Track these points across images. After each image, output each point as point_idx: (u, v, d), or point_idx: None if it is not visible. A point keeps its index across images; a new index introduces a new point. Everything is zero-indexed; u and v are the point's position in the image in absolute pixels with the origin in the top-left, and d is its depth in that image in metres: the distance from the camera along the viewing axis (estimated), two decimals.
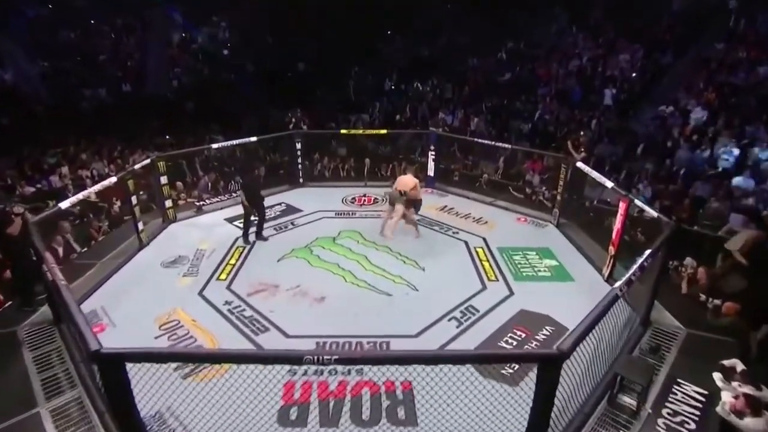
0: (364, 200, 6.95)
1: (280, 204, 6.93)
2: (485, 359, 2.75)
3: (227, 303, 4.31)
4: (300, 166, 7.79)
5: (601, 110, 10.05)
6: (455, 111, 12.07)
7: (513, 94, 11.84)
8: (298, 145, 8.01)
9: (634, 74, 9.51)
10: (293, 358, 2.21)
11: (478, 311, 4.23)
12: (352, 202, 6.97)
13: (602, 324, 2.74)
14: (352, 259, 5.13)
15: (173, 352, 2.81)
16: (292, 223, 6.29)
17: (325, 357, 2.13)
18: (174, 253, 5.30)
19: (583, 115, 9.27)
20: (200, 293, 4.52)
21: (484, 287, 4.63)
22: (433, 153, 7.70)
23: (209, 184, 7.66)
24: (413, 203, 4.92)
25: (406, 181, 4.90)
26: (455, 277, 4.77)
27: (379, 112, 13.19)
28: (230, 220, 6.09)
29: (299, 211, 6.64)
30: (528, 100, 11.48)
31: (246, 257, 5.20)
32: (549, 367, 2.34)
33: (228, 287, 4.60)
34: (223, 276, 4.85)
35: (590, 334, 2.56)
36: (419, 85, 14.07)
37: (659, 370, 3.32)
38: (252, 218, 5.36)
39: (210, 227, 6.08)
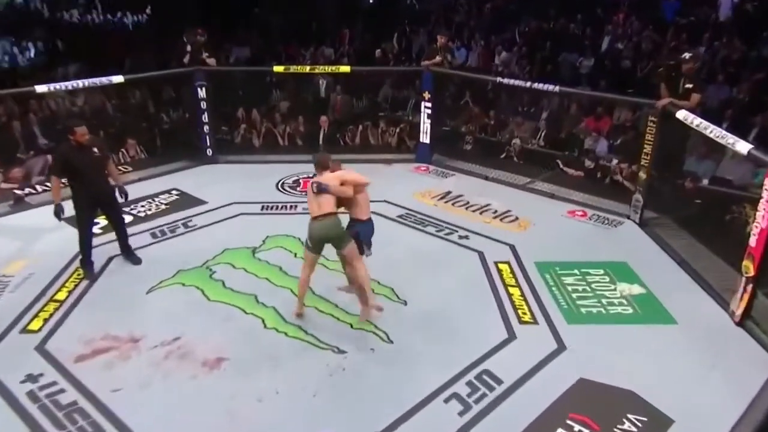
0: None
1: (169, 192, 6.75)
2: None
3: (30, 379, 3.72)
4: (206, 128, 7.61)
5: (714, 29, 9.33)
6: (472, 40, 11.33)
7: (563, 11, 11.14)
8: (202, 93, 7.47)
9: None
10: None
11: (500, 382, 3.76)
12: (294, 188, 6.85)
13: None
14: (283, 287, 4.81)
15: None
16: (185, 225, 6.03)
17: None
18: None
19: (681, 40, 8.82)
20: None
21: (512, 336, 4.22)
22: (429, 106, 7.50)
23: (47, 162, 6.96)
24: (355, 226, 4.26)
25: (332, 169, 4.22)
26: (460, 316, 4.42)
27: (351, 44, 12.29)
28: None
29: (201, 203, 6.43)
30: (589, 20, 10.79)
31: (89, 288, 4.78)
32: None
33: (40, 347, 4.06)
34: (34, 325, 4.32)
35: None
36: (415, 1, 13.30)
37: None
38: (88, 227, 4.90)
39: (33, 233, 5.71)
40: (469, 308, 4.52)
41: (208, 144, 7.72)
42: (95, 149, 4.83)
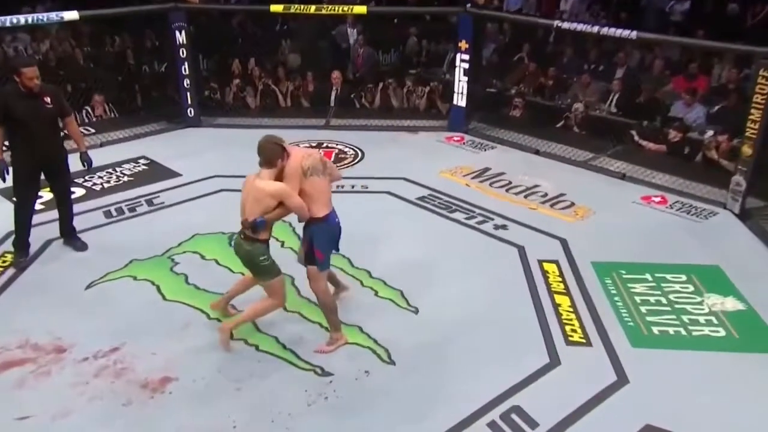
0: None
1: (135, 161, 6.77)
2: None
3: None
4: (186, 82, 7.52)
5: None
6: None
7: None
8: (181, 38, 7.31)
9: None
10: None
11: (535, 425, 3.48)
12: None
13: None
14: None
15: None
16: (150, 203, 5.95)
17: None
18: None
19: None
20: None
21: (555, 360, 3.95)
22: (466, 59, 7.34)
23: None
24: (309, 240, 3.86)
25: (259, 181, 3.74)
26: (486, 331, 4.21)
27: None
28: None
29: (173, 175, 6.40)
30: None
31: (15, 278, 4.66)
32: None
33: None
34: None
35: None
36: None
37: None
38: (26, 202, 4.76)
39: None
40: (499, 320, 4.30)
41: (189, 102, 7.63)
42: (48, 99, 4.54)
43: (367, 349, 4.00)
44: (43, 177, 4.80)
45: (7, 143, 4.63)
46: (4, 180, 4.59)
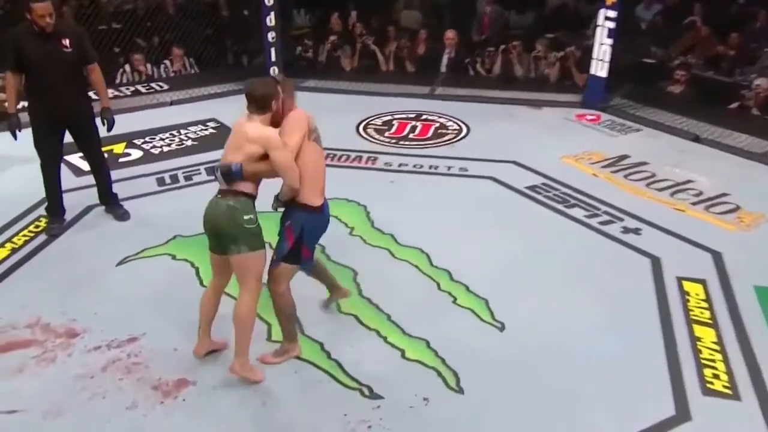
0: (414, 129, 6.93)
1: (204, 123, 6.97)
2: None
3: None
4: (271, 36, 7.36)
5: None
6: None
7: None
8: None
9: None
10: None
11: None
12: (381, 133, 6.90)
13: None
14: None
15: None
16: (211, 171, 5.93)
17: None
18: None
19: None
20: None
21: (684, 414, 3.58)
22: (612, 16, 7.05)
23: None
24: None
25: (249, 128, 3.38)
26: (592, 364, 3.85)
27: None
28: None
29: None
30: None
31: (44, 246, 4.81)
32: None
33: None
34: None
35: None
36: None
37: None
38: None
39: (5, 164, 5.92)
40: (611, 351, 3.93)
41: (273, 60, 7.71)
42: (66, 42, 4.53)
43: (432, 370, 3.72)
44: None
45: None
46: (15, 137, 4.64)
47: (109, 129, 4.88)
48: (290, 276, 3.55)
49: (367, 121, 7.05)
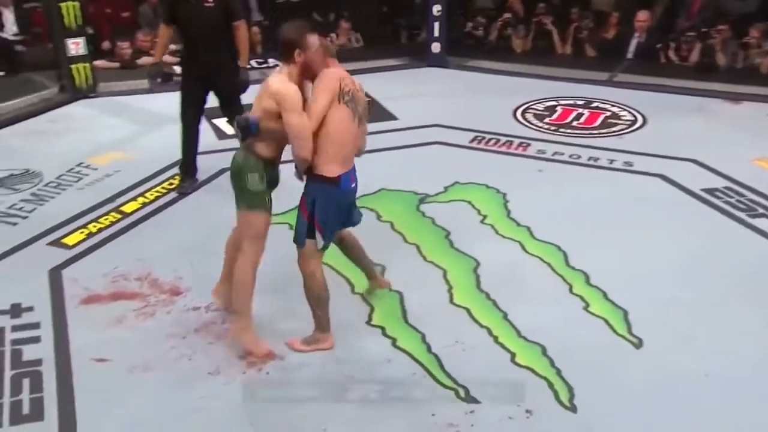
0: (579, 116, 6.57)
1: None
2: None
3: (12, 312, 3.90)
4: (436, 10, 7.48)
5: None
6: None
7: None
8: None
9: None
10: None
11: None
12: (541, 119, 6.58)
13: None
14: (434, 263, 4.37)
15: None
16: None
17: None
18: (15, 165, 5.55)
19: None
20: None
21: None
22: None
23: None
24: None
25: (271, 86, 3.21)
26: (759, 402, 3.31)
27: None
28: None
29: (388, 118, 6.59)
30: None
31: (172, 203, 5.08)
32: None
33: (55, 269, 4.27)
34: (70, 239, 4.59)
35: None
36: None
37: None
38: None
39: (153, 121, 6.30)
40: None
41: (436, 35, 7.60)
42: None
43: (543, 380, 3.37)
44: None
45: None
46: (152, 87, 4.82)
47: (241, 90, 4.89)
48: (316, 255, 3.37)
49: (527, 105, 6.75)
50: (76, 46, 6.70)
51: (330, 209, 3.27)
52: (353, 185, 3.32)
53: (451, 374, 3.38)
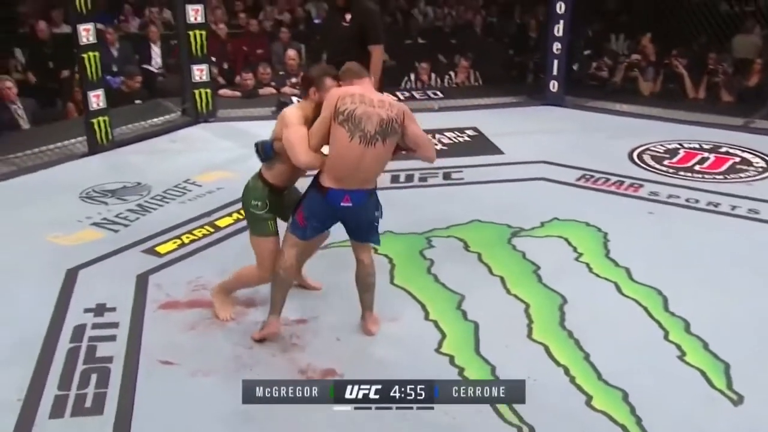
0: (703, 160, 6.21)
1: (461, 131, 7.04)
2: None
3: (95, 311, 4.03)
4: (557, 48, 7.19)
5: None
6: None
7: None
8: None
9: None
10: None
11: None
12: (660, 161, 6.25)
13: None
14: (518, 296, 4.20)
15: None
16: (446, 176, 6.03)
17: None
18: (130, 178, 5.82)
19: None
20: (71, 271, 4.45)
21: None
22: None
23: None
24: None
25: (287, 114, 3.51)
26: None
27: None
28: None
29: (494, 152, 6.56)
30: None
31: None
32: None
33: (143, 275, 4.42)
34: (163, 247, 4.76)
35: None
36: None
37: None
38: None
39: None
40: None
41: (555, 74, 7.48)
42: (347, 17, 4.85)
43: (619, 427, 3.08)
44: None
45: None
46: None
47: None
48: (289, 240, 3.55)
49: (646, 146, 6.42)
50: (200, 72, 7.04)
51: (313, 212, 3.44)
52: (345, 205, 3.39)
53: (518, 411, 3.15)
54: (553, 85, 7.42)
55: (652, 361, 3.51)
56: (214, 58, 8.03)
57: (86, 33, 6.03)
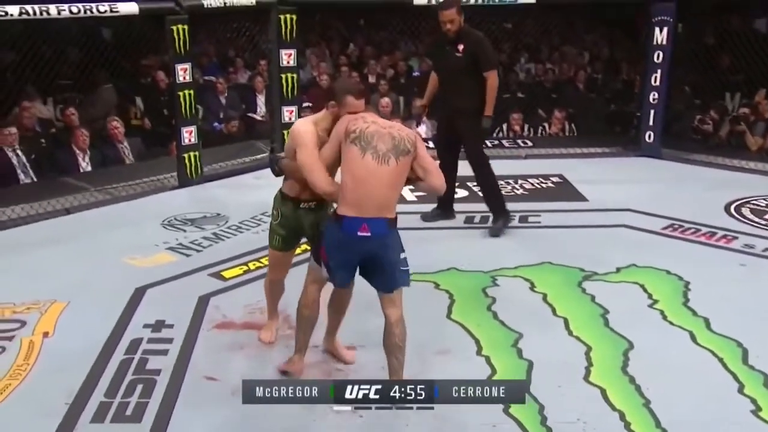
0: None
1: (546, 177, 6.91)
2: None
3: (154, 328, 4.15)
4: (653, 97, 7.10)
5: None
6: None
7: None
8: (661, 37, 7.01)
9: None
10: None
11: None
12: (761, 215, 6.01)
13: None
14: (594, 346, 3.94)
15: None
16: (523, 219, 5.96)
17: None
18: (211, 209, 6.05)
19: None
20: (139, 290, 4.63)
21: None
22: None
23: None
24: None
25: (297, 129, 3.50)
26: None
27: None
28: None
29: (579, 199, 6.42)
30: None
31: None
32: None
33: (205, 297, 4.53)
34: (229, 272, 4.89)
35: None
36: None
37: None
38: None
39: None
40: None
41: (651, 124, 7.18)
42: (460, 47, 5.03)
43: None
44: None
45: None
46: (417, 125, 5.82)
47: (481, 137, 5.32)
48: (314, 274, 3.47)
49: (746, 199, 6.09)
50: (290, 113, 7.25)
51: (331, 244, 3.27)
52: (363, 234, 3.14)
53: None
54: (649, 136, 7.11)
55: (721, 414, 3.25)
56: (310, 104, 8.28)
57: (183, 72, 6.37)
